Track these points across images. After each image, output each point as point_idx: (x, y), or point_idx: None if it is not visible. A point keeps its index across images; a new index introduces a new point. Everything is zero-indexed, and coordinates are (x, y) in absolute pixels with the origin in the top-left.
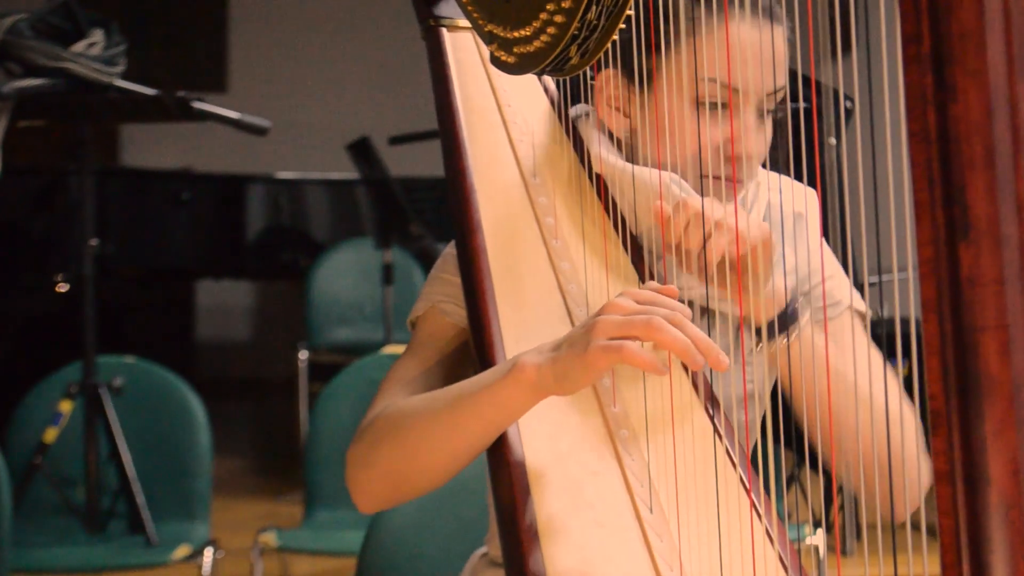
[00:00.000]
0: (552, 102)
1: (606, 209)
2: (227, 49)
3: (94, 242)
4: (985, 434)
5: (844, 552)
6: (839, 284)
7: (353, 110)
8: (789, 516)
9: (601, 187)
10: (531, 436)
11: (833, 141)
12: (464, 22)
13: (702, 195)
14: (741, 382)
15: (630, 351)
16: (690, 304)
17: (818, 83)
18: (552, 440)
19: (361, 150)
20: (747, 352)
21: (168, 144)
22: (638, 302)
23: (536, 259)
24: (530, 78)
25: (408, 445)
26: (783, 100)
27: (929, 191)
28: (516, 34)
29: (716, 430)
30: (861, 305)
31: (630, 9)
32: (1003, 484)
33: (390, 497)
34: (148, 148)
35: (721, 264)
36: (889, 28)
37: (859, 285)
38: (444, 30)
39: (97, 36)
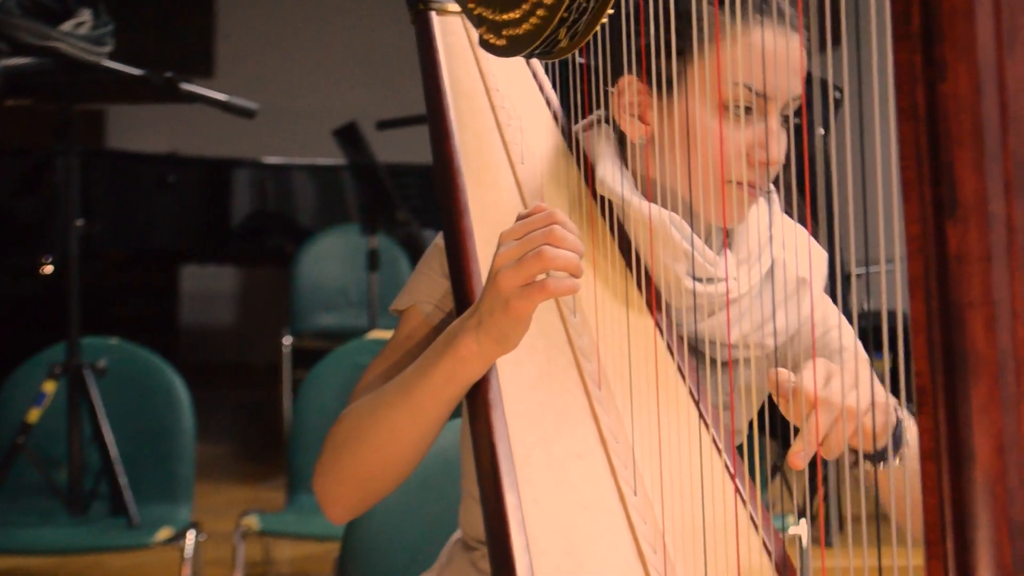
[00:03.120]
0: (540, 87)
1: (593, 196)
2: (214, 33)
3: (80, 223)
4: (970, 411)
5: (827, 544)
6: (846, 332)
7: (341, 95)
8: (772, 506)
9: (588, 171)
10: (515, 419)
11: (822, 131)
12: (453, 6)
13: (724, 204)
14: (728, 422)
15: (549, 287)
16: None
17: (808, 74)
18: (537, 423)
19: (348, 135)
20: (743, 389)
21: (154, 127)
22: (517, 238)
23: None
24: (519, 63)
25: (370, 443)
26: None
27: (917, 169)
28: (505, 16)
29: (701, 416)
30: (865, 356)
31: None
32: (987, 461)
33: (360, 501)
34: (134, 131)
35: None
36: (879, 18)
37: (846, 276)
38: (433, 14)
39: (85, 15)
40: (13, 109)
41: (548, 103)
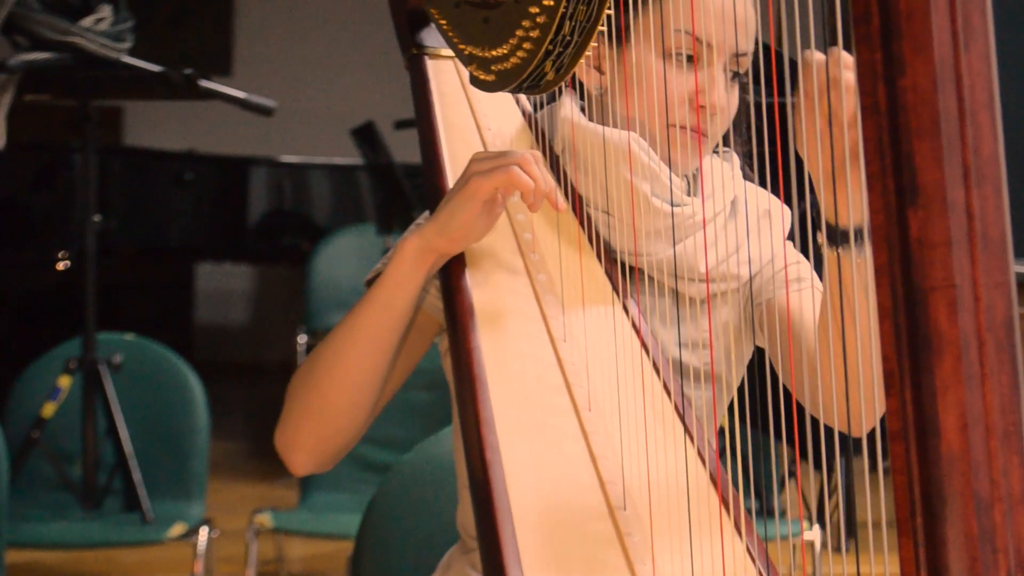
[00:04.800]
0: (528, 123)
1: (581, 223)
2: (233, 31)
3: (96, 219)
4: (935, 390)
5: (838, 549)
6: (803, 268)
7: (358, 94)
8: (784, 513)
9: (576, 202)
10: (506, 437)
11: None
12: (446, 51)
13: (669, 148)
14: (709, 362)
15: (513, 172)
16: (658, 284)
17: (779, 54)
18: (527, 441)
19: (366, 135)
20: (722, 325)
21: (172, 124)
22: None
23: (515, 271)
24: (508, 102)
25: (319, 372)
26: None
27: (880, 161)
28: (493, 52)
29: (687, 429)
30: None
31: (602, 25)
32: (952, 437)
33: (319, 441)
34: (152, 128)
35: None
36: (844, 21)
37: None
38: (427, 58)
39: (105, 11)
40: (31, 104)
41: (537, 140)
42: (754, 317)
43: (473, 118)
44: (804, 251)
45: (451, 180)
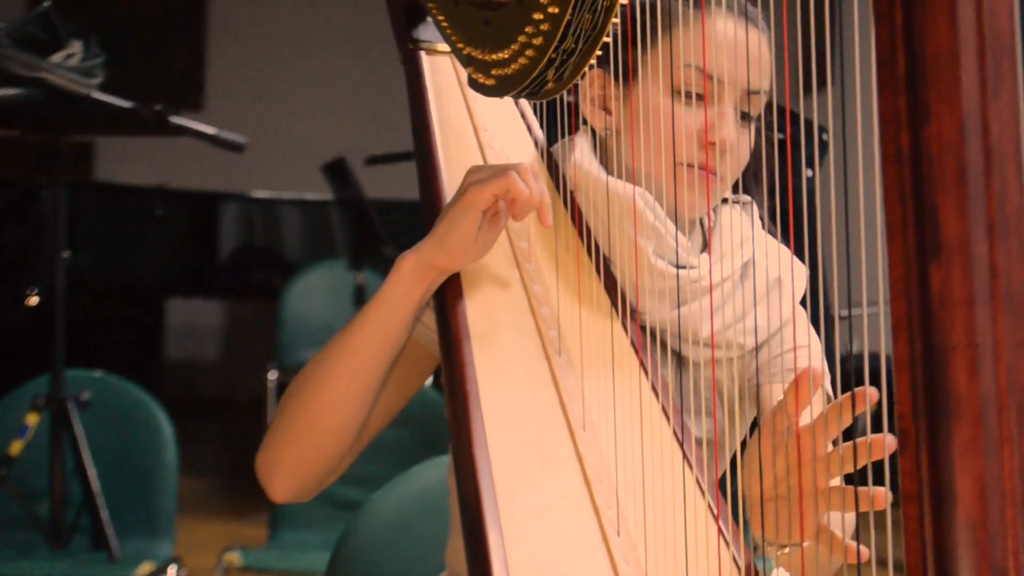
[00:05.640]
0: (528, 128)
1: (580, 235)
2: (204, 67)
3: (66, 255)
4: (952, 453)
5: None
6: (814, 355)
7: (329, 130)
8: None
9: (575, 212)
10: (499, 457)
11: (810, 173)
12: (443, 46)
13: (676, 189)
14: (711, 427)
15: (511, 178)
16: (663, 345)
17: (795, 115)
18: (521, 462)
19: (337, 171)
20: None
21: (142, 160)
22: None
23: (509, 280)
24: (508, 104)
25: (307, 390)
26: (773, 127)
27: (901, 211)
28: (494, 56)
29: (685, 457)
30: (828, 387)
31: (607, 36)
32: (969, 504)
33: (300, 467)
34: (122, 163)
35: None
36: (864, 61)
37: (830, 318)
38: (423, 53)
39: (75, 47)
40: (1, 140)
41: (536, 143)
42: (758, 393)
43: (469, 117)
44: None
45: (445, 178)
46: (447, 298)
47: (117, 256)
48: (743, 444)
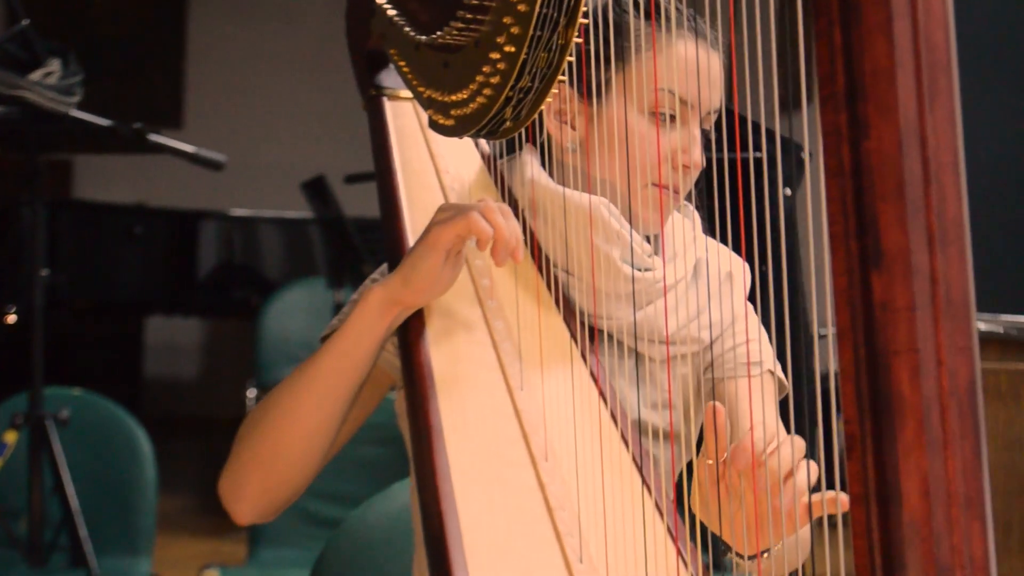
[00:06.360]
0: (488, 169)
1: (539, 267)
2: (184, 85)
3: (45, 273)
4: (897, 455)
5: None
6: (763, 348)
7: (309, 148)
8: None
9: (535, 248)
10: (462, 487)
11: (788, 192)
12: (405, 92)
13: (640, 207)
14: (668, 422)
15: (473, 218)
16: (619, 344)
17: (772, 133)
18: (483, 492)
19: (316, 189)
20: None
21: (121, 178)
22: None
23: (471, 316)
24: (468, 147)
25: (270, 419)
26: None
27: (843, 223)
28: (453, 97)
29: (644, 481)
30: (779, 371)
31: (563, 75)
32: (914, 503)
33: (264, 491)
34: (101, 181)
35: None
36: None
37: (810, 338)
38: (385, 99)
39: (54, 65)
40: None
41: (496, 183)
42: (713, 388)
43: (432, 161)
44: (766, 308)
45: (408, 222)
46: (411, 333)
47: (96, 274)
48: (699, 442)
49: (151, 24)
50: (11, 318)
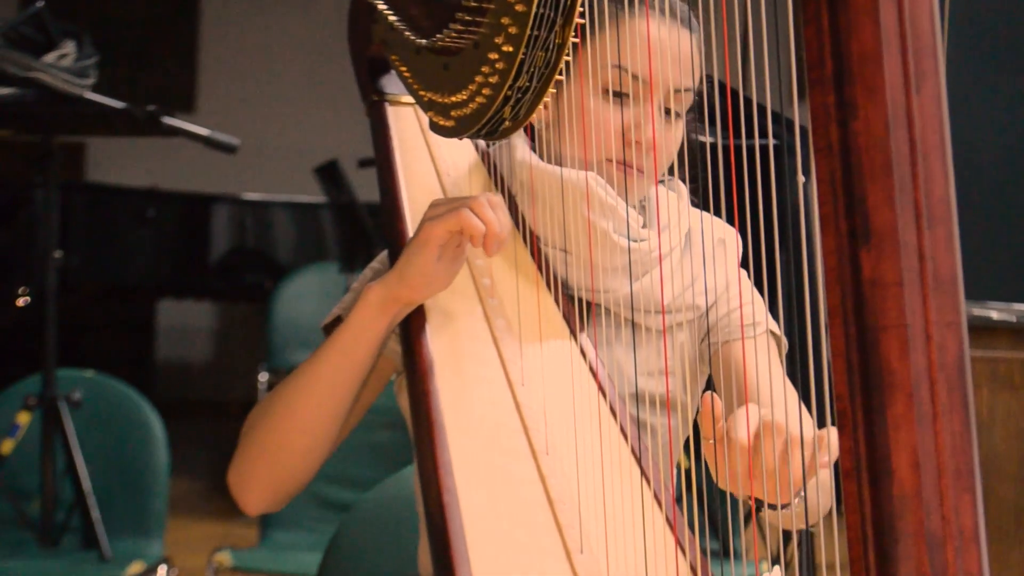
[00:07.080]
0: (488, 171)
1: (539, 266)
2: (197, 68)
3: (57, 255)
4: (887, 429)
5: None
6: (758, 309)
7: (322, 133)
8: (746, 552)
9: (534, 245)
10: (464, 481)
11: (803, 179)
12: (406, 98)
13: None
14: (672, 386)
15: (463, 214)
16: (616, 317)
17: (788, 120)
18: (485, 486)
19: (329, 173)
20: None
21: (134, 161)
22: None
23: (473, 313)
24: (467, 149)
25: (277, 414)
26: (710, 115)
27: (833, 203)
28: (453, 98)
29: (643, 472)
30: (777, 328)
31: (560, 74)
32: (904, 476)
33: (272, 481)
34: (114, 165)
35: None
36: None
37: (818, 325)
38: (387, 105)
39: (68, 47)
40: None
41: (494, 182)
42: (710, 354)
43: (433, 164)
44: (759, 275)
45: (410, 225)
46: (413, 329)
47: (108, 257)
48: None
49: (165, 7)
50: (23, 300)
